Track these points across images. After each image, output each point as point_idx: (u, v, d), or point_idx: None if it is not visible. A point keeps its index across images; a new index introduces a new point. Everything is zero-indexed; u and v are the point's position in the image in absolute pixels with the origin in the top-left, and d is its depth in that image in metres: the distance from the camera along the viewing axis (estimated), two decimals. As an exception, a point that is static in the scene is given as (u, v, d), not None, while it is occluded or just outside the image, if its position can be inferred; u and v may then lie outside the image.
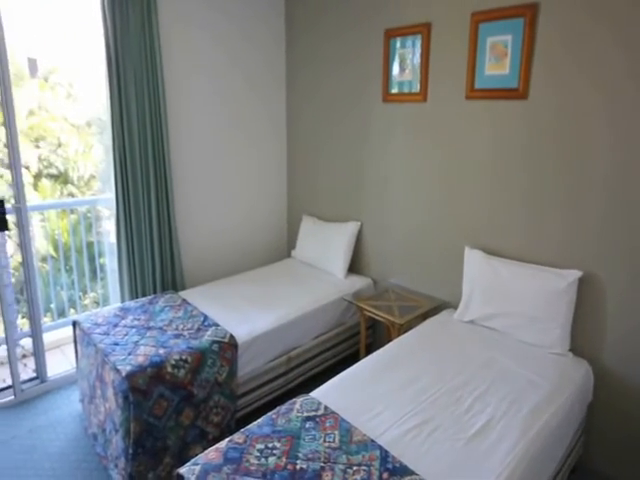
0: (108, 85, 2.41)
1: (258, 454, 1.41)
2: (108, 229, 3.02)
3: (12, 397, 2.36)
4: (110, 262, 2.86)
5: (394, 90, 2.54)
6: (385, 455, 1.37)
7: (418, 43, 2.36)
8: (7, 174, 2.44)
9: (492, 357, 1.89)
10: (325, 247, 2.87)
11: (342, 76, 2.84)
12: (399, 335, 2.14)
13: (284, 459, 1.39)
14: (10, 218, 2.30)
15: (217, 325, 2.11)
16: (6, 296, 2.32)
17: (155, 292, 2.70)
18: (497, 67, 2.08)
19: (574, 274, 1.88)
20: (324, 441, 1.45)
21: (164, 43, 2.58)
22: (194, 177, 2.92)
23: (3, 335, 2.36)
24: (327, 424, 1.52)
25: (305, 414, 1.57)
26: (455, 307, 2.29)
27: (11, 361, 2.33)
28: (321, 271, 2.86)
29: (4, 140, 2.30)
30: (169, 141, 2.68)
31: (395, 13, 2.46)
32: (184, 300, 2.39)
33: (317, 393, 1.69)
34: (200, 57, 2.80)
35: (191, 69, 2.77)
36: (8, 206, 2.27)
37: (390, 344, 2.03)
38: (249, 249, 3.28)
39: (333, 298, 2.53)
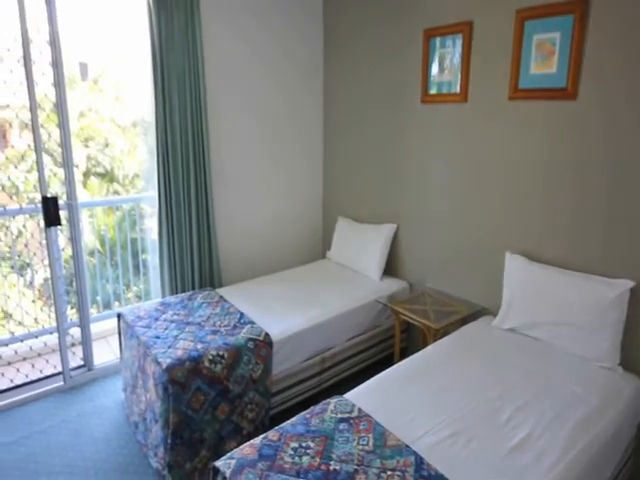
0: (153, 88, 2.51)
1: (292, 452, 1.43)
2: (150, 226, 3.14)
3: (62, 383, 2.50)
4: (152, 258, 2.98)
5: (433, 91, 2.50)
6: (420, 462, 1.35)
7: (459, 42, 2.31)
8: (60, 172, 2.59)
9: (534, 368, 1.82)
10: (360, 249, 2.86)
11: (380, 77, 2.83)
12: (435, 340, 2.10)
13: (318, 459, 1.39)
14: (62, 214, 2.43)
15: (253, 323, 2.15)
16: (58, 287, 2.46)
17: (194, 288, 2.78)
18: (543, 66, 2.00)
19: (625, 284, 1.78)
20: (358, 444, 1.45)
21: (206, 48, 2.65)
22: (232, 178, 2.99)
23: (54, 324, 2.50)
24: (361, 427, 1.52)
25: (339, 415, 1.57)
26: (494, 314, 2.22)
27: (61, 349, 2.47)
28: (356, 273, 2.85)
29: (58, 140, 2.44)
30: (209, 142, 2.75)
31: (435, 13, 2.42)
32: (221, 297, 2.45)
33: (351, 395, 1.69)
34: (239, 61, 2.87)
35: (230, 73, 2.84)
36: (61, 202, 2.39)
37: (426, 349, 1.99)
38: (284, 249, 3.32)
39: (368, 300, 2.52)
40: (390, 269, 2.85)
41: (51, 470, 1.94)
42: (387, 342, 2.64)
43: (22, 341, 2.65)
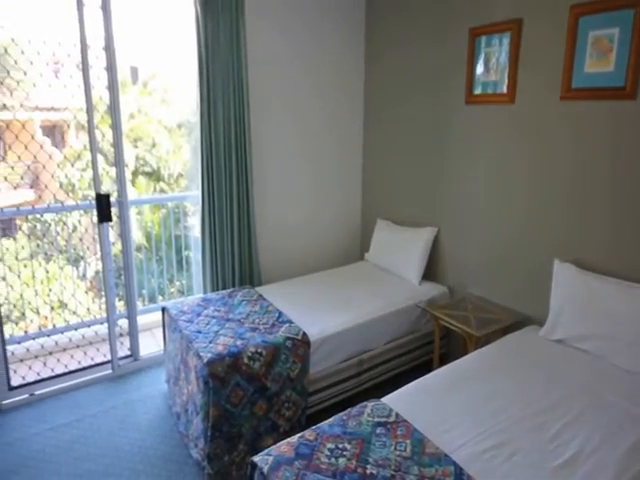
0: (198, 90, 2.59)
1: (328, 453, 1.43)
2: (192, 224, 3.25)
3: (110, 371, 2.64)
4: (194, 255, 3.08)
5: (478, 91, 2.43)
6: (460, 472, 1.32)
7: (506, 41, 2.24)
8: (111, 171, 2.74)
9: (583, 382, 1.72)
10: (399, 252, 2.82)
11: (422, 77, 2.78)
12: (476, 348, 2.04)
13: (354, 462, 1.39)
14: (113, 210, 2.55)
15: (291, 322, 2.18)
16: (109, 280, 2.60)
17: (234, 286, 2.85)
18: (600, 64, 1.90)
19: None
20: (395, 449, 1.43)
21: (249, 51, 2.71)
22: (272, 178, 3.04)
23: (105, 315, 2.64)
24: (398, 432, 1.50)
25: (376, 419, 1.56)
26: (540, 323, 2.13)
27: (111, 339, 2.61)
28: (394, 276, 2.82)
29: (111, 141, 2.57)
30: (250, 143, 2.81)
31: (482, 12, 2.36)
32: (260, 295, 2.49)
33: (388, 399, 1.67)
34: (280, 63, 2.92)
35: (272, 75, 2.90)
36: (112, 200, 2.52)
37: (467, 357, 1.94)
38: (322, 250, 3.34)
39: (406, 304, 2.48)
40: (429, 273, 2.79)
41: (100, 452, 2.05)
42: (425, 347, 2.59)
43: (76, 329, 2.83)
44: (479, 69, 2.41)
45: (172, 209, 3.51)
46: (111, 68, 2.42)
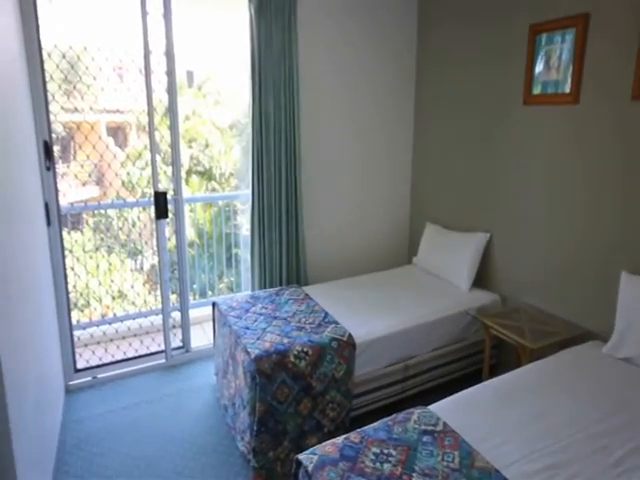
0: (251, 93, 2.66)
1: (373, 457, 1.42)
2: (241, 222, 3.34)
3: (164, 360, 2.78)
4: (243, 253, 3.17)
5: (537, 91, 2.32)
6: (512, 490, 1.27)
7: (569, 37, 2.12)
8: (168, 170, 2.88)
9: (654, 405, 1.59)
10: (449, 257, 2.75)
11: (476, 77, 2.69)
12: (530, 361, 1.95)
13: (400, 468, 1.37)
14: (168, 208, 2.68)
15: (337, 323, 2.18)
16: (164, 274, 2.74)
17: (281, 284, 2.90)
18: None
19: None
20: (442, 459, 1.40)
21: (300, 54, 2.75)
22: (320, 179, 3.06)
23: (159, 306, 2.78)
24: (446, 442, 1.46)
25: (422, 427, 1.53)
26: (603, 339, 2.00)
27: (165, 329, 2.74)
28: (443, 281, 2.75)
29: (169, 141, 2.70)
30: (300, 144, 2.84)
31: (544, 7, 2.24)
32: (307, 295, 2.52)
33: (436, 407, 1.63)
34: (331, 65, 2.94)
35: (322, 77, 2.92)
36: (168, 197, 2.64)
37: (520, 369, 1.85)
38: (369, 252, 3.32)
39: (455, 311, 2.41)
40: (480, 280, 2.70)
41: (153, 437, 2.17)
42: (475, 357, 2.50)
43: (134, 319, 3.01)
44: (538, 68, 2.30)
45: (223, 207, 3.64)
46: (171, 72, 2.54)
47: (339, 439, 1.50)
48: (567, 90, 2.17)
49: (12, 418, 1.27)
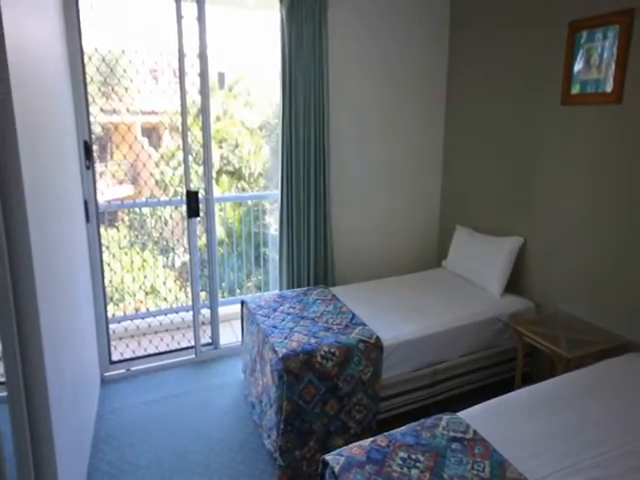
0: (281, 94, 2.68)
1: (401, 462, 1.41)
2: (269, 222, 3.38)
3: (193, 356, 2.84)
4: (271, 252, 3.20)
5: (575, 90, 2.23)
6: (546, 504, 1.23)
7: (612, 35, 2.03)
8: (199, 170, 2.94)
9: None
10: (481, 261, 2.68)
11: (511, 77, 2.62)
12: (566, 371, 1.88)
13: (427, 475, 1.35)
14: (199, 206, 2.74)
15: (364, 325, 2.17)
16: (195, 271, 2.80)
17: (308, 284, 2.91)
18: None
19: None
20: (472, 468, 1.37)
21: (330, 56, 2.75)
22: (349, 180, 3.05)
23: (190, 303, 2.85)
24: (476, 450, 1.43)
25: (451, 434, 1.50)
26: (645, 351, 1.90)
27: (195, 326, 2.81)
28: (474, 286, 2.69)
29: (201, 141, 2.76)
30: (329, 145, 2.85)
31: (584, 3, 2.16)
32: (334, 296, 2.52)
33: (465, 414, 1.60)
34: (361, 67, 2.93)
35: (352, 79, 2.92)
36: (200, 196, 2.69)
37: (555, 379, 1.79)
38: (397, 254, 3.29)
39: (486, 317, 2.35)
40: (513, 286, 2.62)
41: (183, 430, 2.23)
42: (506, 365, 2.43)
43: (165, 314, 3.09)
44: (578, 66, 2.21)
45: (252, 207, 3.68)
46: (203, 74, 2.60)
47: (366, 442, 1.49)
48: (608, 89, 2.08)
49: (53, 407, 1.33)
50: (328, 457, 1.45)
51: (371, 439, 1.50)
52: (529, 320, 2.32)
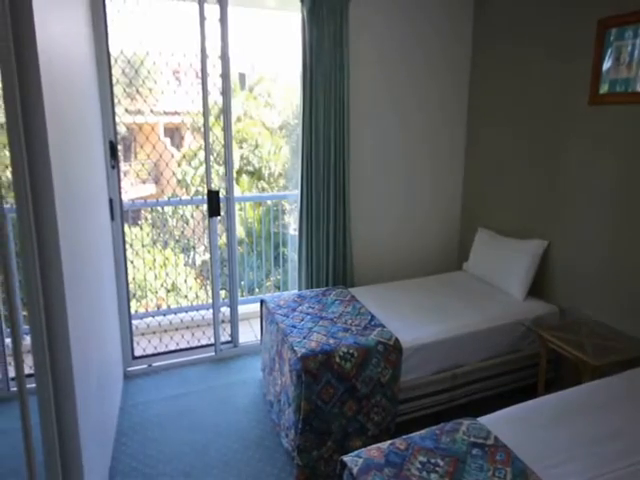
0: (301, 95, 2.69)
1: (420, 466, 1.39)
2: (288, 222, 3.39)
3: (213, 354, 2.88)
4: (290, 252, 3.21)
5: (604, 90, 2.17)
6: (571, 515, 1.19)
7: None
8: (219, 170, 2.97)
9: None
10: (503, 264, 2.63)
11: (536, 75, 2.57)
12: (592, 379, 1.82)
13: (447, 480, 1.34)
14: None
15: (383, 326, 2.16)
16: (215, 269, 2.84)
17: (327, 285, 2.91)
18: None
19: None
20: (493, 475, 1.34)
21: (351, 55, 2.74)
22: (369, 180, 3.04)
23: (210, 301, 2.88)
24: (497, 457, 1.40)
25: (472, 439, 1.47)
26: (677, 359, 1.83)
27: (215, 324, 2.84)
28: (496, 289, 2.64)
29: (222, 142, 2.79)
30: (349, 146, 2.84)
31: (614, 0, 2.09)
32: (353, 297, 2.51)
33: (486, 420, 1.57)
34: (381, 67, 2.92)
35: (372, 80, 2.91)
36: (221, 196, 2.72)
37: (580, 387, 1.74)
38: (417, 256, 3.26)
39: (508, 321, 2.31)
40: (536, 290, 2.56)
41: (202, 426, 2.25)
42: (528, 370, 2.38)
43: (186, 312, 3.14)
44: (606, 65, 2.15)
45: (271, 207, 3.71)
46: (225, 75, 2.62)
47: (385, 444, 1.48)
48: (639, 89, 2.01)
49: (78, 399, 1.37)
50: (346, 458, 1.45)
51: (390, 442, 1.49)
52: (553, 325, 2.26)
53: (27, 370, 1.45)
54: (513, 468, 1.35)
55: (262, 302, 2.56)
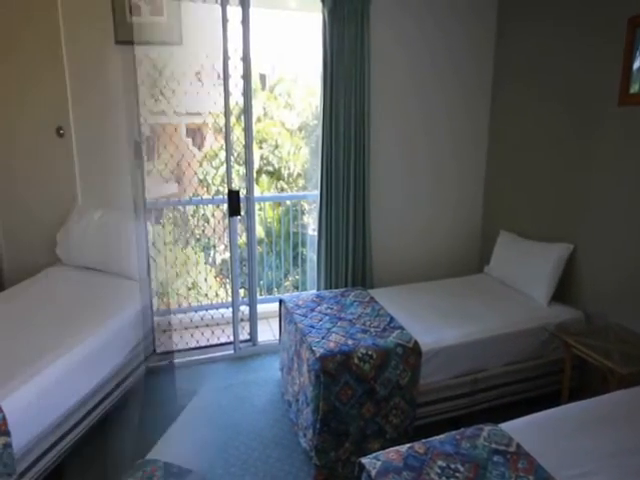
0: (322, 96, 2.69)
1: (439, 471, 1.38)
2: (308, 222, 3.40)
3: (232, 352, 2.91)
4: (309, 252, 3.22)
5: (635, 89, 2.11)
6: (597, 527, 1.16)
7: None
8: (240, 170, 3.00)
9: None
10: (526, 268, 2.57)
11: (563, 75, 2.51)
12: (619, 388, 1.77)
13: (468, 486, 1.32)
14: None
15: (402, 329, 2.14)
16: (235, 268, 2.87)
17: (346, 285, 2.91)
18: None
19: None
20: (515, 482, 1.32)
21: (373, 55, 2.73)
22: (389, 181, 3.02)
23: (229, 300, 2.91)
24: (519, 465, 1.37)
25: (493, 445, 1.45)
26: None
27: (234, 322, 2.87)
28: (519, 293, 2.58)
29: (242, 142, 2.81)
30: (369, 147, 2.83)
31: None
32: (372, 298, 2.50)
33: (508, 427, 1.54)
34: (402, 69, 2.90)
35: (394, 81, 2.89)
36: (241, 196, 2.75)
37: (607, 396, 1.69)
38: (437, 258, 3.22)
39: (532, 325, 2.26)
40: (561, 294, 2.49)
41: (221, 424, 2.27)
42: (552, 377, 2.32)
43: (206, 310, 3.18)
44: (637, 63, 2.08)
45: (290, 207, 3.72)
46: (247, 76, 2.65)
47: (403, 447, 1.47)
48: (672, 88, 1.95)
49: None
50: (365, 460, 1.44)
51: (408, 445, 1.48)
52: (578, 331, 2.20)
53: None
54: (536, 477, 1.32)
55: (281, 302, 2.58)
